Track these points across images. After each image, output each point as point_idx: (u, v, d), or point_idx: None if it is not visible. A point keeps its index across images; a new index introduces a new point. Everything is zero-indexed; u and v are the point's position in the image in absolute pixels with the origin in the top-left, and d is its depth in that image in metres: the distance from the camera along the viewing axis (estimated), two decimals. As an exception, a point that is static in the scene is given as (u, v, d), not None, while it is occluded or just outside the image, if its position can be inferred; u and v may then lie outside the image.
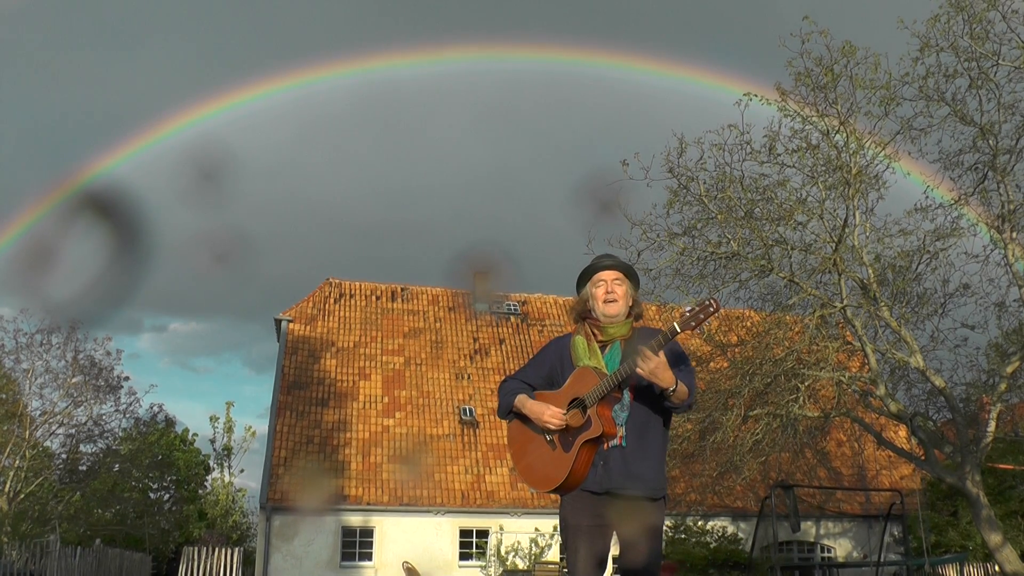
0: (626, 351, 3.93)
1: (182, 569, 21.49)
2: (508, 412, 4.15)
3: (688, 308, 3.77)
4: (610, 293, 4.06)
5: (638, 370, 3.70)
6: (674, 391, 3.77)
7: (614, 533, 3.96)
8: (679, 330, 3.71)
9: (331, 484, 22.68)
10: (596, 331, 4.09)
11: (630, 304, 4.10)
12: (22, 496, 24.12)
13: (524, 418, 4.08)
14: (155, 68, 65.51)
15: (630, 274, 4.16)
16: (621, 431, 3.90)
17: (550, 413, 3.91)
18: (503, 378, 4.33)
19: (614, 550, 3.91)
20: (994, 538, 15.01)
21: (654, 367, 3.67)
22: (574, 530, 3.94)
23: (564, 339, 4.22)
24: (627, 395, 3.92)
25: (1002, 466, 20.08)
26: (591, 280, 4.13)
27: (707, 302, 3.73)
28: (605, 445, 3.89)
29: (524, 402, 4.05)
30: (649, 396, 3.89)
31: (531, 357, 4.36)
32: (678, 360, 3.91)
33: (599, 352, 4.03)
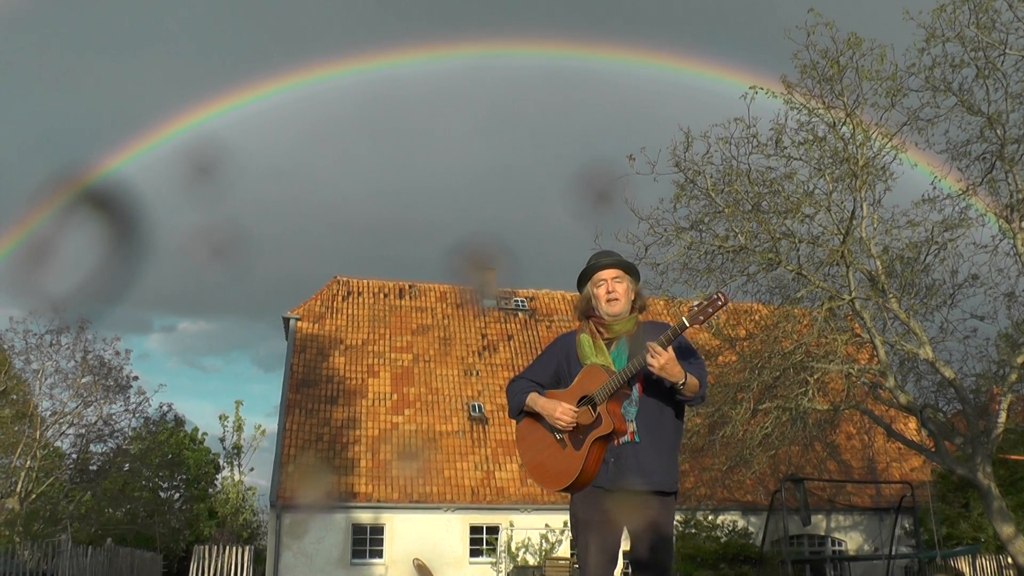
0: (633, 347, 3.92)
1: (193, 567, 21.55)
2: (519, 412, 4.15)
3: (696, 302, 3.76)
4: (611, 292, 4.06)
5: (648, 366, 3.69)
6: (684, 385, 3.76)
7: (625, 528, 3.96)
8: (688, 325, 3.71)
9: (341, 481, 22.73)
10: (601, 329, 4.08)
11: (632, 299, 4.10)
12: (34, 496, 24.21)
13: (534, 417, 4.08)
14: (162, 69, 65.67)
15: (629, 270, 4.15)
16: (632, 427, 3.90)
17: (562, 410, 3.91)
18: (511, 378, 4.33)
19: (625, 545, 3.91)
20: (1006, 530, 14.96)
21: (664, 362, 3.66)
22: (585, 525, 3.94)
23: (569, 337, 4.21)
24: (636, 390, 3.92)
25: (1014, 457, 19.99)
26: (591, 280, 4.13)
27: (715, 296, 3.73)
28: (616, 441, 3.89)
29: (536, 400, 4.05)
30: (658, 390, 3.88)
31: (537, 356, 4.36)
32: (686, 353, 3.90)
33: (605, 349, 4.02)
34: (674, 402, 3.95)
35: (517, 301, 29.25)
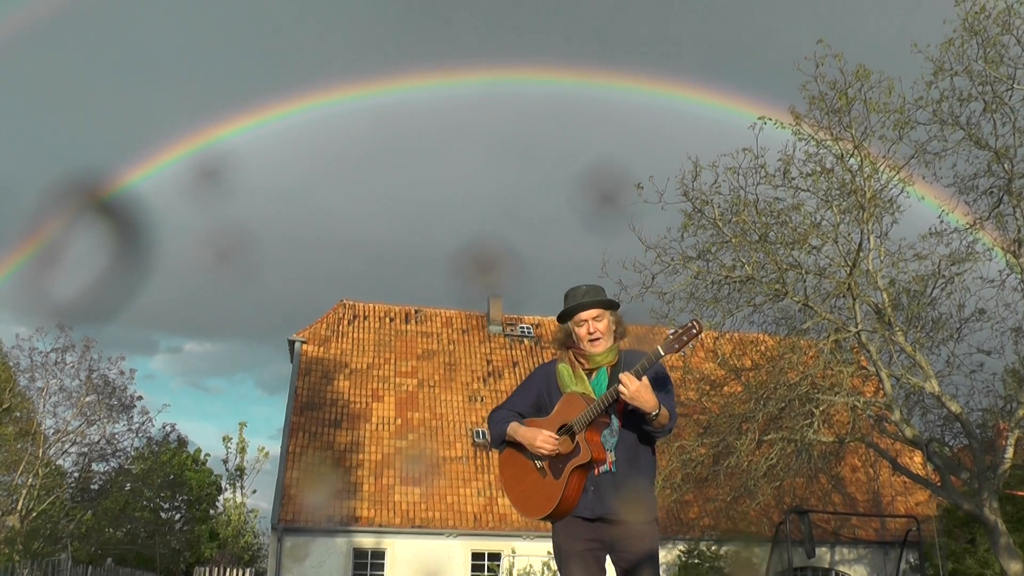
0: (614, 377, 3.90)
1: (193, 589, 21.45)
2: (501, 442, 4.15)
3: (672, 331, 3.75)
4: (592, 333, 4.04)
5: (620, 394, 3.68)
6: (657, 415, 3.74)
7: (607, 558, 3.95)
8: (663, 353, 3.70)
9: (343, 505, 22.64)
10: (582, 360, 4.07)
11: (614, 330, 4.09)
12: (34, 514, 24.15)
13: (516, 446, 4.07)
14: (173, 90, 66.18)
15: (608, 306, 4.12)
16: (611, 456, 3.88)
17: (542, 438, 3.90)
18: (491, 409, 4.32)
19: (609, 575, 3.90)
20: (1013, 567, 14.81)
21: (635, 390, 3.65)
22: (567, 555, 3.93)
23: (550, 366, 4.21)
24: (615, 420, 3.90)
25: (1020, 493, 19.83)
26: (572, 320, 4.10)
27: (690, 324, 3.72)
28: (596, 471, 3.87)
29: (516, 429, 4.04)
30: (637, 421, 3.86)
31: (518, 385, 4.36)
32: (661, 383, 3.88)
33: (585, 379, 4.01)
34: (650, 436, 3.94)
35: (523, 328, 29.22)
